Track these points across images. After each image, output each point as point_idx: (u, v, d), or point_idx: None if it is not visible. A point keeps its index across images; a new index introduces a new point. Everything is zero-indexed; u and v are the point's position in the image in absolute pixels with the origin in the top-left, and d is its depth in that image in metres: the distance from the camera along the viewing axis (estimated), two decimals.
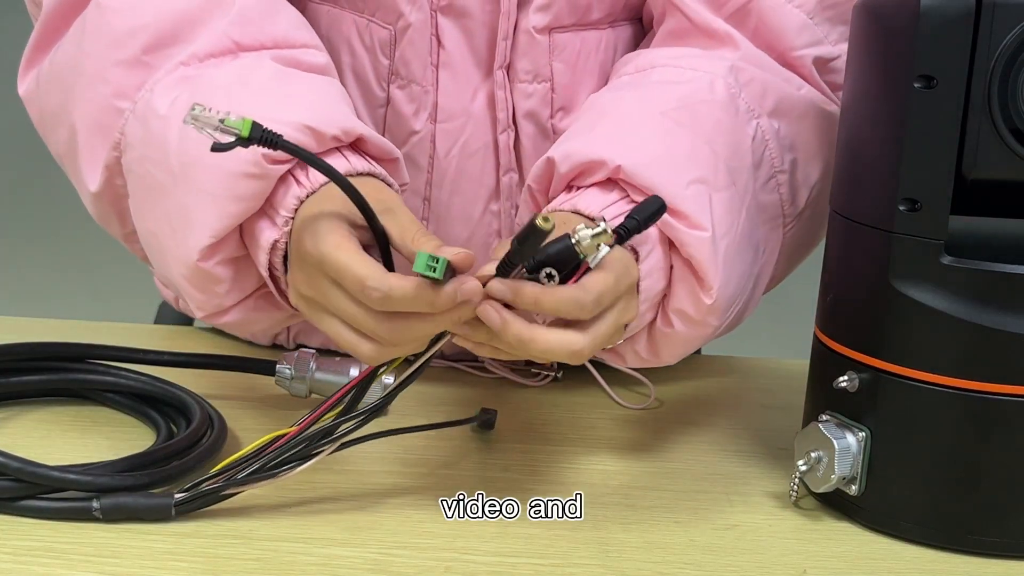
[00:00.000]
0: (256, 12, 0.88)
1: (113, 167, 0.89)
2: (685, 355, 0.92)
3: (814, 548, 0.81)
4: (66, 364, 0.96)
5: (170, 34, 0.87)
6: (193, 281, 0.85)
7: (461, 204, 0.98)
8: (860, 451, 0.81)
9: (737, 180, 0.88)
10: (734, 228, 0.87)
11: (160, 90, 0.86)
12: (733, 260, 0.87)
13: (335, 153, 0.83)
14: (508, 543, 0.80)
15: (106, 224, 0.96)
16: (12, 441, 0.87)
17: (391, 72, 0.95)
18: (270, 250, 0.82)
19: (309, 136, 0.81)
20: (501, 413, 0.96)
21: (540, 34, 0.95)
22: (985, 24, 0.75)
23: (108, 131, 0.88)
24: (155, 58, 0.87)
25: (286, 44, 0.88)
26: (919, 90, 0.76)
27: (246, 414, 0.94)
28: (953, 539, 0.81)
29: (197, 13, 0.87)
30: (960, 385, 0.78)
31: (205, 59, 0.87)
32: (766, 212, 0.93)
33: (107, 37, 0.88)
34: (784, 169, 0.93)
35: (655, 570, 0.78)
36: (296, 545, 0.78)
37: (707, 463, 0.92)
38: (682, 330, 0.87)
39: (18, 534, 0.77)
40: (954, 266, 0.78)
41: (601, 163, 0.85)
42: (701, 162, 0.87)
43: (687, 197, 0.84)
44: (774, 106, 0.92)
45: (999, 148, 0.76)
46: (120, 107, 0.87)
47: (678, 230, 0.84)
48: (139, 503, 0.79)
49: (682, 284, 0.86)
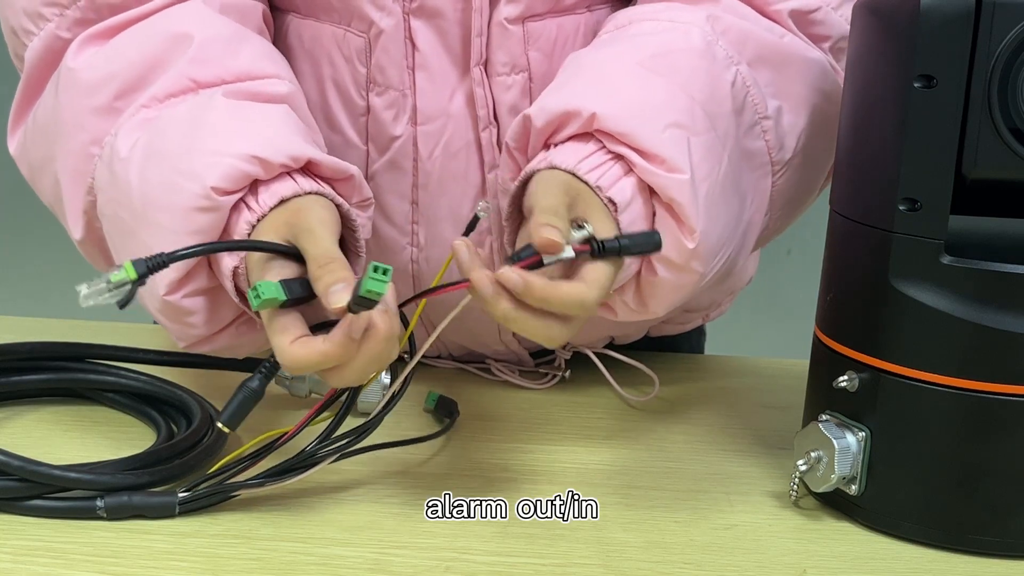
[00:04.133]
0: (216, 48, 0.89)
1: (90, 212, 0.91)
2: (674, 305, 0.91)
3: (814, 548, 0.81)
4: (66, 364, 0.97)
5: (137, 79, 0.88)
6: (165, 314, 0.85)
7: (448, 204, 0.98)
8: (860, 451, 0.81)
9: (717, 125, 0.88)
10: (715, 172, 0.87)
11: (123, 133, 0.87)
12: (716, 204, 0.87)
13: (284, 177, 0.83)
14: (508, 543, 0.80)
15: (94, 263, 0.96)
16: (12, 441, 0.87)
17: (368, 80, 0.95)
18: (232, 277, 0.82)
19: (257, 166, 0.82)
20: (503, 414, 0.96)
21: (513, 24, 0.94)
22: (985, 24, 0.75)
23: (83, 177, 0.90)
24: (123, 103, 0.88)
25: (248, 76, 0.89)
26: (919, 90, 0.76)
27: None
28: (953, 539, 0.81)
29: (161, 56, 0.88)
30: (960, 385, 0.78)
31: (165, 99, 0.88)
32: (753, 159, 0.93)
33: (82, 87, 0.89)
34: (768, 115, 0.92)
35: (655, 570, 0.78)
36: (296, 545, 0.78)
37: (707, 463, 0.93)
38: (667, 277, 0.87)
39: (19, 534, 0.77)
40: (954, 266, 0.78)
41: (576, 113, 0.86)
42: (678, 107, 0.87)
43: (664, 141, 0.84)
44: (755, 54, 0.92)
45: (999, 148, 0.76)
46: (92, 152, 0.89)
47: (656, 174, 0.84)
48: (143, 502, 0.79)
49: (663, 230, 0.85)
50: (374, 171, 0.97)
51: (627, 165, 0.85)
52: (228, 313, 0.86)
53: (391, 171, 0.97)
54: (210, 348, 0.88)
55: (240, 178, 0.82)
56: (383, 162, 0.97)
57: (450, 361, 1.09)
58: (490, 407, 0.98)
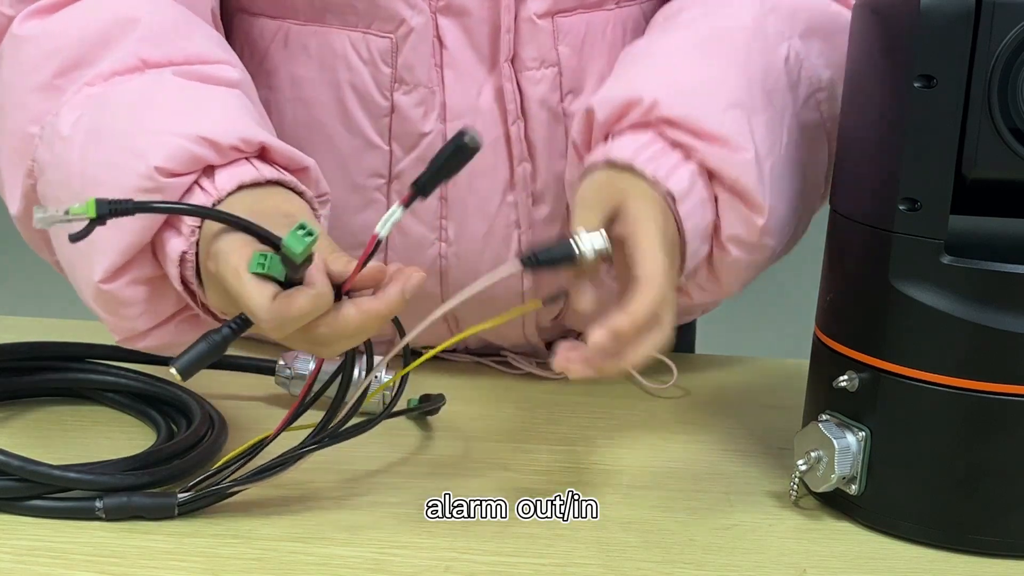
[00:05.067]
0: (166, 30, 0.86)
1: (30, 195, 0.87)
2: (748, 281, 0.94)
3: (814, 548, 0.81)
4: (66, 364, 0.97)
5: (80, 57, 0.85)
6: (100, 303, 0.81)
7: (477, 199, 0.98)
8: (860, 451, 0.81)
9: (775, 101, 0.90)
10: (777, 147, 0.89)
11: (65, 112, 0.84)
12: (781, 179, 0.89)
13: (242, 162, 0.80)
14: (508, 543, 0.80)
15: (38, 251, 0.92)
16: (12, 441, 0.87)
17: (394, 79, 0.95)
18: (179, 263, 0.78)
19: (207, 148, 0.79)
20: (505, 412, 0.96)
21: (542, 19, 0.95)
22: (985, 24, 0.75)
23: (23, 157, 0.86)
24: (64, 81, 0.85)
25: (199, 60, 0.86)
26: (919, 90, 0.76)
27: (246, 414, 0.94)
28: (953, 539, 0.81)
29: (107, 35, 0.86)
30: (960, 385, 0.78)
31: (110, 77, 0.84)
32: (810, 131, 0.94)
33: (24, 65, 0.86)
34: (823, 86, 0.95)
35: (655, 570, 0.78)
36: (296, 545, 0.78)
37: (707, 463, 0.93)
38: (740, 256, 0.90)
39: (19, 534, 0.77)
40: (954, 266, 0.78)
41: (637, 100, 0.88)
42: (736, 87, 0.89)
43: (726, 121, 0.87)
44: (805, 26, 0.94)
45: (999, 148, 0.76)
46: (32, 132, 0.85)
47: (721, 156, 0.86)
48: (142, 502, 0.79)
49: (731, 211, 0.88)
50: (400, 170, 0.97)
51: (686, 152, 0.87)
52: (168, 306, 0.83)
53: (420, 168, 0.97)
54: (146, 344, 0.84)
55: (188, 160, 0.78)
56: (410, 159, 0.97)
57: (466, 355, 1.09)
58: (491, 406, 0.98)
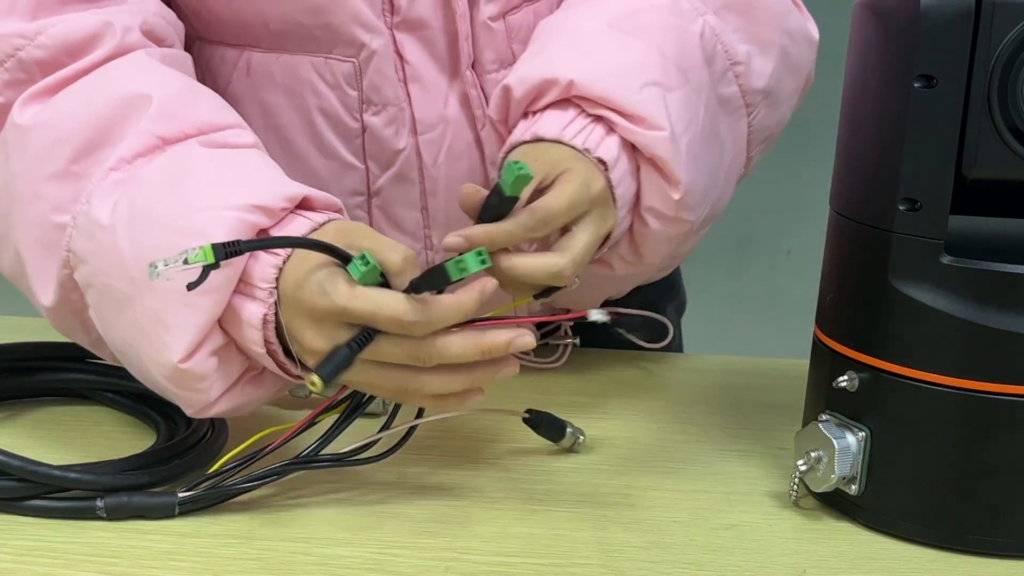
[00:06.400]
0: (175, 103, 0.86)
1: (67, 283, 0.85)
2: (668, 255, 0.96)
3: (814, 548, 0.81)
4: (66, 364, 0.97)
5: (93, 141, 0.84)
6: (177, 382, 0.81)
7: (455, 205, 0.98)
8: (860, 451, 0.81)
9: (690, 78, 0.91)
10: (694, 124, 0.90)
11: (97, 200, 0.83)
12: (698, 155, 0.90)
13: (292, 216, 0.81)
14: (508, 543, 0.80)
15: (68, 334, 0.90)
16: (12, 441, 0.87)
17: (362, 101, 0.95)
18: (262, 325, 0.79)
19: (260, 215, 0.79)
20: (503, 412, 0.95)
21: (495, 22, 0.96)
22: (985, 24, 0.75)
23: (54, 249, 0.85)
24: (83, 167, 0.84)
25: (210, 128, 0.86)
26: (919, 90, 0.76)
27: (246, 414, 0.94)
28: (952, 539, 0.81)
29: (114, 116, 0.84)
30: (960, 385, 0.78)
31: (133, 160, 0.84)
32: (728, 105, 0.95)
33: (32, 153, 0.85)
34: (739, 60, 0.95)
35: (655, 570, 0.78)
36: (296, 545, 0.78)
37: (707, 463, 0.93)
38: (657, 228, 0.91)
39: (19, 534, 0.77)
40: (954, 266, 0.78)
41: (554, 81, 0.88)
42: (651, 65, 0.90)
43: (641, 100, 0.88)
44: (721, 2, 0.95)
45: (999, 148, 0.76)
46: (60, 222, 0.84)
47: (638, 133, 0.87)
48: (143, 502, 0.80)
49: (650, 184, 0.89)
50: (379, 187, 0.98)
51: (608, 125, 0.88)
52: (235, 371, 0.83)
53: (399, 184, 0.97)
54: (216, 411, 0.83)
55: (246, 230, 0.79)
56: (388, 176, 0.97)
57: None
58: (490, 405, 0.98)
